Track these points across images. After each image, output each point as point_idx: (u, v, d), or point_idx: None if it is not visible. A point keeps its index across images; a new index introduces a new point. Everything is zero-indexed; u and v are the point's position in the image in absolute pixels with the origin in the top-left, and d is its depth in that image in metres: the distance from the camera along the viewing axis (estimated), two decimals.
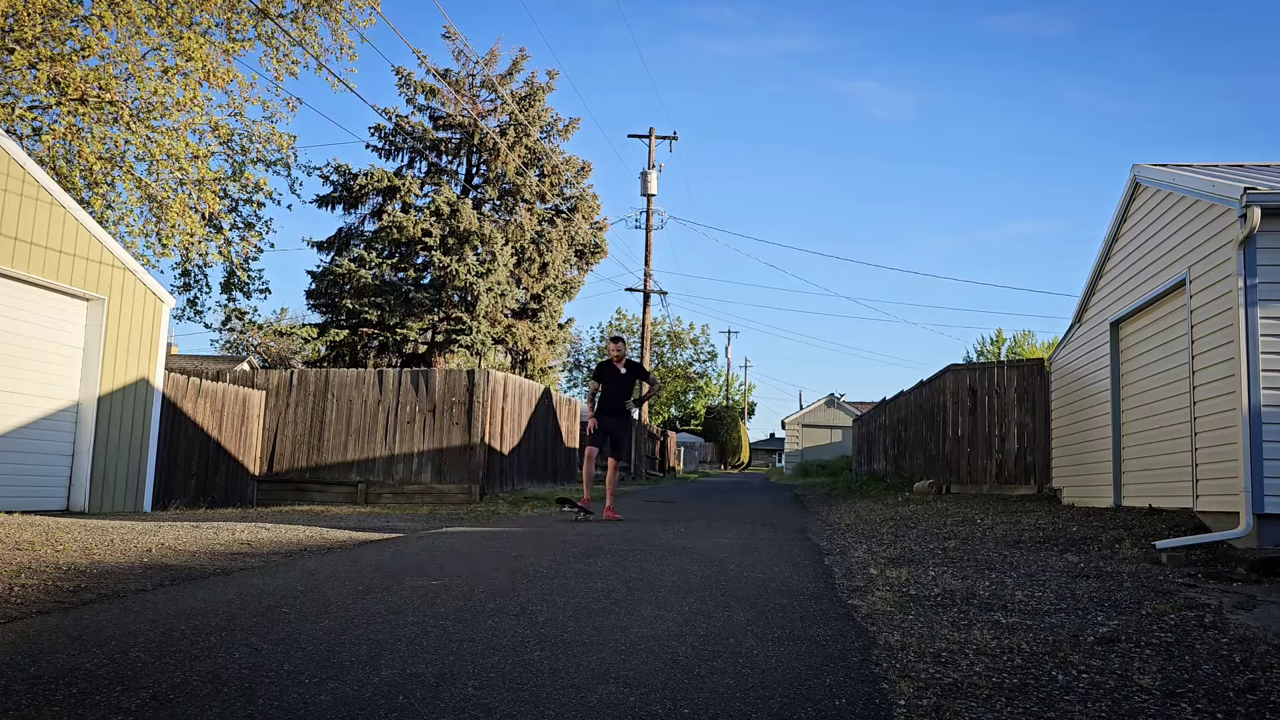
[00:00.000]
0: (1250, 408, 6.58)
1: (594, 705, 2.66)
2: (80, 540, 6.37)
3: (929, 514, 10.00)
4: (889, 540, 7.54)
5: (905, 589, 4.89)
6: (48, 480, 9.83)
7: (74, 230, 9.92)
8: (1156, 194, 8.79)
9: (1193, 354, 7.71)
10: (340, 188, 26.73)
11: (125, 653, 3.13)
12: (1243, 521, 6.49)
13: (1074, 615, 4.25)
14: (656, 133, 29.51)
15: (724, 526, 8.90)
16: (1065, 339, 12.24)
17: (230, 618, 3.77)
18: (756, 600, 4.49)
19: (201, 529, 7.55)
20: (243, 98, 15.22)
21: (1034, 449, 13.01)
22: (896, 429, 19.08)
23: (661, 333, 60.66)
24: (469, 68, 28.00)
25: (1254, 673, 3.24)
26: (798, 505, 14.36)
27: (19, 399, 9.47)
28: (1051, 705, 2.80)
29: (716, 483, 28.51)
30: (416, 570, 5.28)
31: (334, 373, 14.60)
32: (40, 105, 13.44)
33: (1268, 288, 6.71)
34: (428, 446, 14.01)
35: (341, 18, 15.52)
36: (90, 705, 2.55)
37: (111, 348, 10.45)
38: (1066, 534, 7.59)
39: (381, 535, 7.56)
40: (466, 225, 25.36)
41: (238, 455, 13.90)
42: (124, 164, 13.92)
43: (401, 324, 25.70)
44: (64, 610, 3.89)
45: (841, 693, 2.87)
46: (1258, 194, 6.61)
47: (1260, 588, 5.27)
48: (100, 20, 13.00)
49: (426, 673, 2.95)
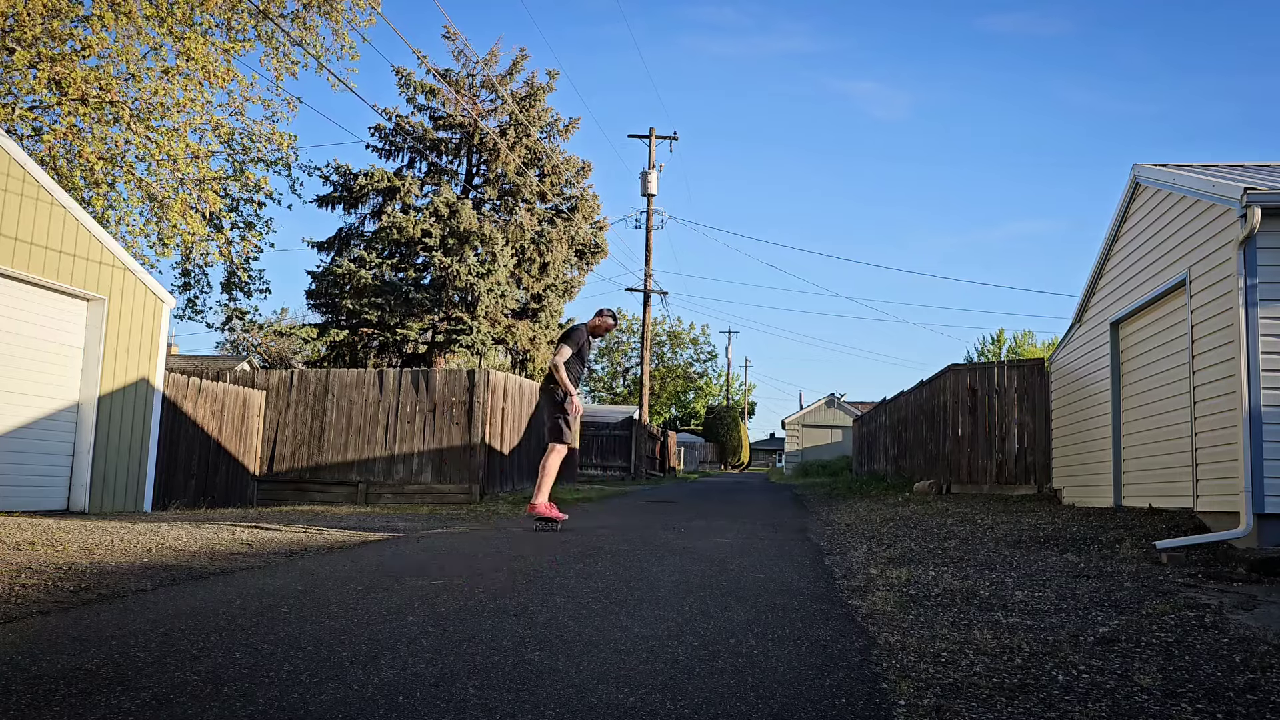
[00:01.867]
0: (1250, 408, 6.58)
1: (594, 705, 2.66)
2: (80, 540, 6.37)
3: (929, 514, 10.00)
4: (889, 540, 7.54)
5: (905, 589, 4.89)
6: (48, 480, 9.83)
7: (74, 230, 9.92)
8: (1157, 194, 8.78)
9: (1193, 354, 7.71)
10: (340, 188, 26.73)
11: (125, 653, 3.13)
12: (1243, 521, 6.49)
13: (1074, 615, 4.25)
14: (656, 133, 29.52)
15: (724, 526, 8.90)
16: (1065, 339, 12.24)
17: (230, 618, 3.76)
18: (757, 600, 4.48)
19: (201, 529, 7.55)
20: (243, 97, 15.24)
21: (1034, 449, 13.01)
22: (897, 429, 19.07)
23: (662, 333, 60.69)
24: (469, 68, 28.01)
25: (1254, 673, 3.24)
26: (798, 505, 14.36)
27: (19, 399, 9.47)
28: (1052, 705, 2.80)
29: (716, 483, 28.51)
30: (416, 570, 5.28)
31: (334, 373, 14.60)
32: (41, 105, 13.45)
33: (1268, 288, 6.71)
34: (428, 446, 14.01)
35: (342, 18, 15.53)
36: (90, 705, 2.55)
37: (112, 348, 10.45)
38: (1067, 534, 7.59)
39: (382, 535, 7.56)
40: (466, 225, 25.36)
41: (238, 455, 13.90)
42: (124, 164, 13.93)
43: (401, 324, 25.70)
44: (64, 610, 3.89)
45: (842, 693, 2.87)
46: (1258, 194, 6.61)
47: (1260, 588, 5.26)
48: (101, 20, 13.00)
49: (427, 673, 2.95)
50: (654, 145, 29.51)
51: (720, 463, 58.54)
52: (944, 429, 14.43)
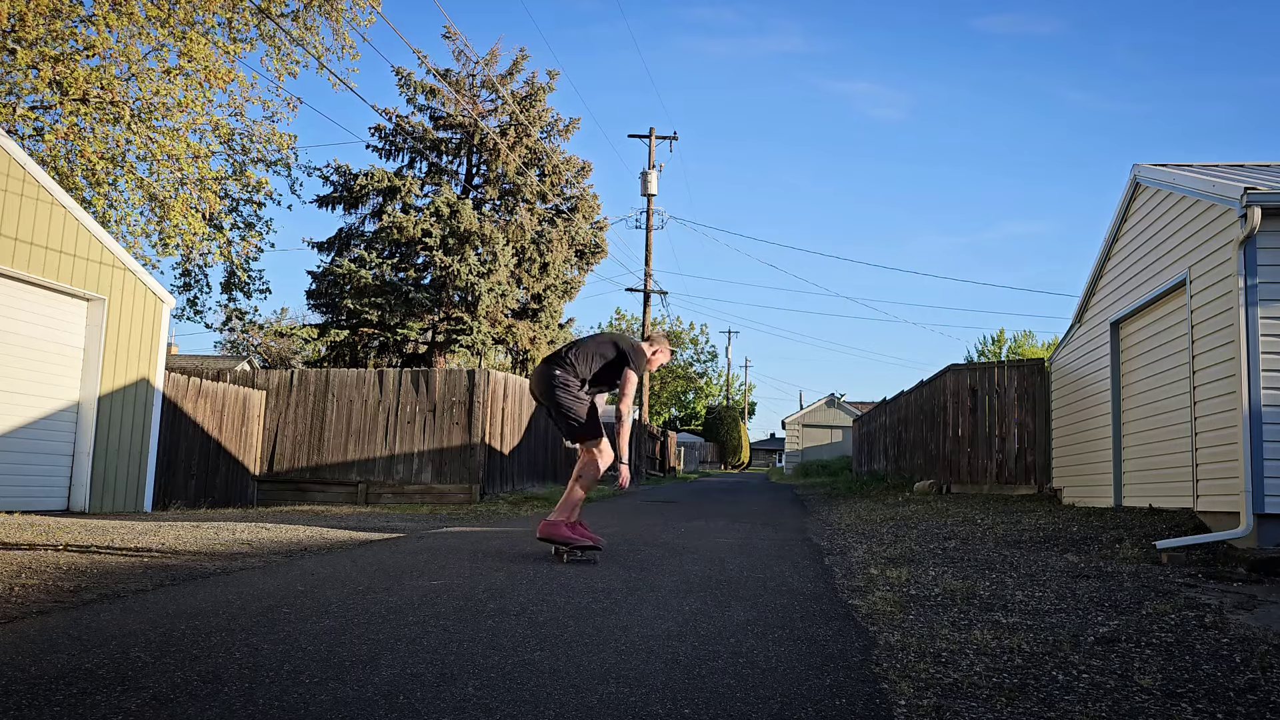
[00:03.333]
0: (1250, 407, 6.58)
1: (594, 705, 2.66)
2: (80, 540, 6.37)
3: (929, 514, 10.00)
4: (889, 540, 7.53)
5: (905, 589, 4.89)
6: (48, 480, 9.83)
7: (74, 230, 9.92)
8: (1157, 194, 8.78)
9: (1193, 354, 7.71)
10: (340, 188, 26.73)
11: (125, 653, 3.13)
12: (1243, 521, 6.49)
13: (1074, 615, 4.25)
14: (656, 133, 29.52)
15: (724, 526, 8.91)
16: (1065, 339, 12.24)
17: (230, 618, 3.76)
18: (757, 600, 4.49)
19: (202, 529, 7.55)
20: (243, 97, 15.23)
21: (1034, 449, 13.01)
22: (897, 429, 19.07)
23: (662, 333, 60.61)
24: (469, 68, 28.00)
25: (1254, 673, 3.24)
26: (798, 505, 14.36)
27: (19, 399, 9.47)
28: (1052, 705, 2.80)
29: (717, 483, 28.51)
30: (416, 570, 5.28)
31: (334, 373, 14.60)
32: (42, 105, 13.45)
33: (1268, 287, 6.71)
34: (428, 446, 14.01)
35: (342, 17, 15.53)
36: (90, 705, 2.55)
37: (112, 348, 10.45)
38: (1067, 534, 7.59)
39: (382, 535, 7.56)
40: (467, 225, 25.36)
41: (238, 455, 13.90)
42: (125, 164, 13.93)
43: (402, 324, 25.70)
44: (64, 610, 3.89)
45: (842, 693, 2.87)
46: (1258, 194, 6.61)
47: (1261, 588, 5.26)
48: (103, 20, 13.00)
49: (427, 673, 2.95)
50: (654, 145, 29.51)
51: (720, 463, 58.54)
52: (944, 429, 14.43)
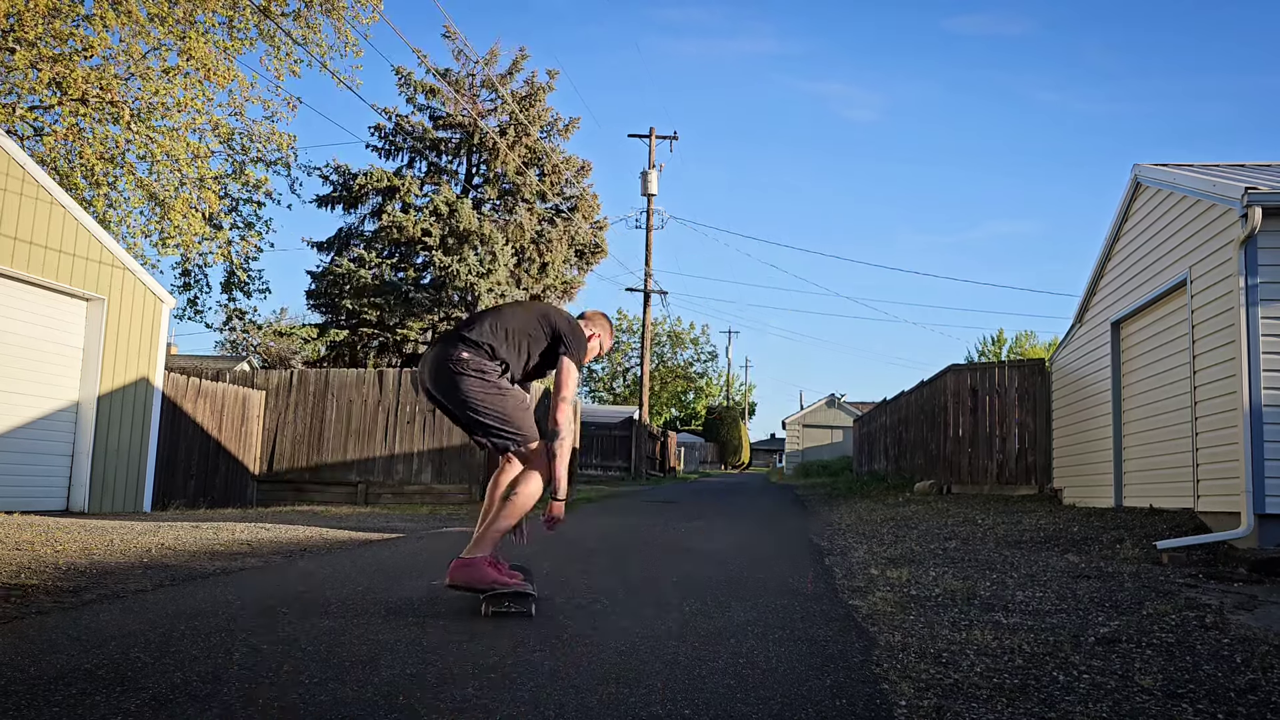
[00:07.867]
0: (1251, 407, 6.57)
1: (594, 705, 2.66)
2: (80, 540, 6.36)
3: (930, 514, 9.99)
4: (890, 540, 7.53)
5: (906, 589, 4.88)
6: (47, 480, 9.82)
7: (74, 230, 9.91)
8: (1157, 194, 8.78)
9: (1194, 354, 7.70)
10: (340, 188, 26.72)
11: (125, 653, 3.12)
12: (1244, 521, 6.49)
13: (1075, 615, 4.25)
14: (656, 133, 29.53)
15: (724, 526, 8.90)
16: (1066, 339, 12.23)
17: (230, 618, 3.76)
18: (757, 600, 4.48)
19: (201, 529, 7.55)
20: (243, 97, 15.23)
21: (1035, 449, 13.01)
22: (897, 429, 19.07)
23: (662, 333, 60.65)
24: (469, 67, 27.99)
25: (1255, 673, 3.23)
26: (798, 506, 14.36)
27: (19, 399, 9.47)
28: (1052, 706, 2.79)
29: (717, 483, 28.51)
30: (416, 570, 5.28)
31: (334, 373, 14.59)
32: (42, 105, 13.45)
33: (1269, 287, 6.71)
34: (428, 446, 14.00)
35: (343, 15, 15.52)
36: (90, 706, 2.54)
37: (111, 348, 10.44)
38: (1067, 534, 7.59)
39: (381, 535, 7.56)
40: (466, 225, 25.35)
41: (238, 455, 13.89)
42: (125, 164, 13.93)
43: (401, 324, 25.69)
44: (64, 610, 3.89)
45: (842, 693, 2.86)
46: (1259, 194, 6.61)
47: (1261, 588, 5.26)
48: (102, 20, 13.00)
49: (427, 673, 2.95)
50: (654, 145, 29.52)
51: (720, 463, 58.53)
52: (944, 429, 14.43)
